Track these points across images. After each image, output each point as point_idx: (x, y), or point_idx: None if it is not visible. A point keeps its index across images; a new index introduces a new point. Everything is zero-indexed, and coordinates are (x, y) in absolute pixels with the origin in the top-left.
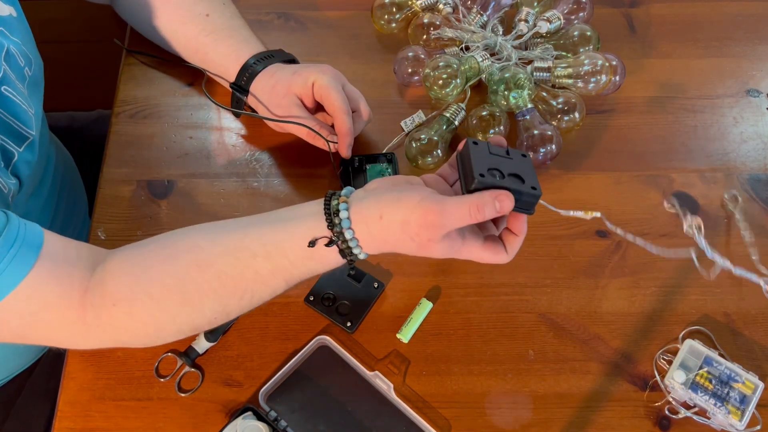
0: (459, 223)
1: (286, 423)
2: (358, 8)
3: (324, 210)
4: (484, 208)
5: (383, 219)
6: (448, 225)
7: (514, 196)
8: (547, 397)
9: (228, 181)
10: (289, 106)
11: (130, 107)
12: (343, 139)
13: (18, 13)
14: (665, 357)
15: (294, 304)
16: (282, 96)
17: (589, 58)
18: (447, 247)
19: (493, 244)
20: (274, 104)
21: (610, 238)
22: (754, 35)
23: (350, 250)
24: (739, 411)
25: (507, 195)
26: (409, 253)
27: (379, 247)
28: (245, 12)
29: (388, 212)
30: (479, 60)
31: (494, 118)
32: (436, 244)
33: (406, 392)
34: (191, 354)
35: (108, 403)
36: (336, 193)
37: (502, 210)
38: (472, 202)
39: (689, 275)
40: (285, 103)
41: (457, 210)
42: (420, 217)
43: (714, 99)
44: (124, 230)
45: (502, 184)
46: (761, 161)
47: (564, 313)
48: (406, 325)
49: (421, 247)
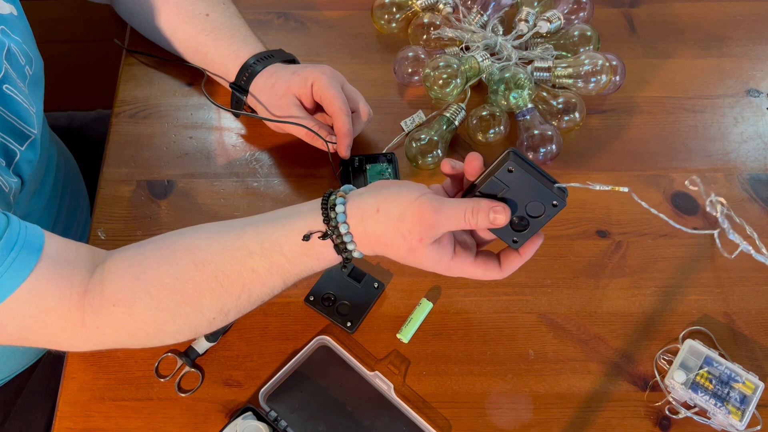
0: (453, 225)
1: (286, 423)
2: (358, 8)
3: (321, 205)
4: (479, 214)
5: (380, 212)
6: (443, 224)
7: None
8: (547, 397)
9: (228, 181)
10: (288, 106)
11: (130, 107)
12: (342, 140)
13: (18, 11)
14: (665, 357)
15: (294, 304)
16: (281, 96)
17: (589, 58)
18: (436, 253)
19: (486, 260)
20: (273, 104)
21: (610, 238)
22: (754, 35)
23: (345, 245)
24: (740, 411)
25: (504, 209)
26: (399, 258)
27: (371, 245)
28: (245, 12)
29: (385, 206)
30: (479, 60)
31: (494, 118)
32: (426, 247)
33: (406, 392)
34: (191, 354)
35: (108, 403)
36: (336, 190)
37: (496, 222)
38: (468, 206)
39: (689, 275)
40: (284, 103)
41: (454, 210)
42: (416, 212)
43: (714, 99)
44: (124, 230)
45: (504, 197)
46: (761, 161)
47: (564, 313)
48: (406, 325)
49: (411, 250)
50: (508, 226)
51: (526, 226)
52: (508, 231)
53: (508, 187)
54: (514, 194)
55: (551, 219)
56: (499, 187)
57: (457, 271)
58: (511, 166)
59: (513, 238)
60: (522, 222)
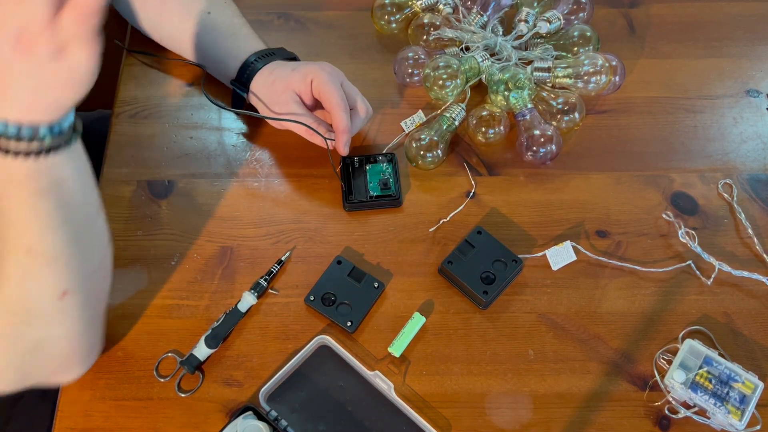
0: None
1: (286, 423)
2: (358, 8)
3: None
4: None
5: None
6: None
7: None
8: (547, 397)
9: (228, 181)
10: (287, 103)
11: (130, 107)
12: (340, 137)
13: None
14: (665, 357)
15: (294, 304)
16: (280, 93)
17: (589, 58)
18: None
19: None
20: (272, 101)
21: (610, 238)
22: (754, 35)
23: None
24: (739, 411)
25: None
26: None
27: None
28: (245, 12)
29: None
30: (479, 60)
31: (494, 118)
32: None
33: (406, 392)
34: (192, 361)
35: (108, 403)
36: None
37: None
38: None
39: (689, 275)
40: (283, 99)
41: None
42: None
43: (714, 99)
44: (124, 230)
45: None
46: (761, 161)
47: (564, 313)
48: (398, 339)
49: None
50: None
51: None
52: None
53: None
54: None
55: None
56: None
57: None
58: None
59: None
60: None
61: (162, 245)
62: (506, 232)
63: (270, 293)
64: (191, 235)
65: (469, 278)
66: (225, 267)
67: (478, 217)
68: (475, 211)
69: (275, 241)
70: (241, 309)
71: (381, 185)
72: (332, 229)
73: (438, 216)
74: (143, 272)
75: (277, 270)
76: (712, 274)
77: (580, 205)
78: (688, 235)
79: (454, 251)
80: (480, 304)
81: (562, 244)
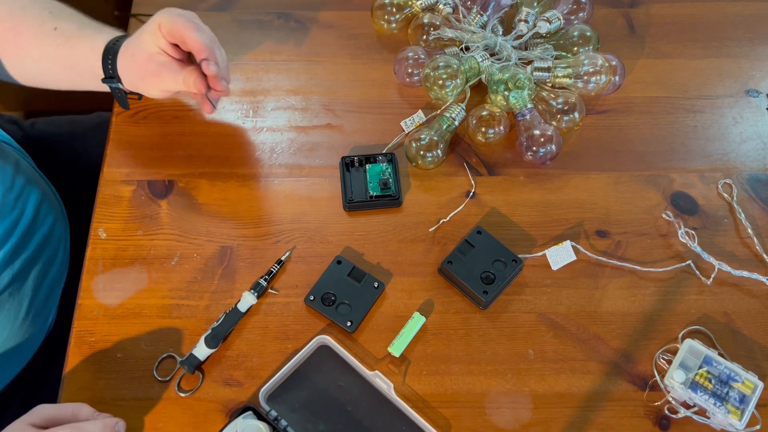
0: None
1: (286, 423)
2: (358, 8)
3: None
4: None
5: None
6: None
7: None
8: (546, 397)
9: (228, 181)
10: (158, 69)
11: (131, 107)
12: (214, 82)
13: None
14: (665, 357)
15: (294, 304)
16: (145, 62)
17: (588, 58)
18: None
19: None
20: (142, 74)
21: (610, 238)
22: (754, 35)
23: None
24: (739, 410)
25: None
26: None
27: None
28: (245, 12)
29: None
30: (479, 60)
31: (494, 118)
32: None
33: (406, 392)
34: (192, 361)
35: (108, 403)
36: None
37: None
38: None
39: (689, 275)
40: (152, 68)
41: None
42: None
43: (714, 99)
44: (124, 230)
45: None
46: (761, 161)
47: (564, 313)
48: (398, 339)
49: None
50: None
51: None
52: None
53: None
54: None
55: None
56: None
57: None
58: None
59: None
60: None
61: (162, 245)
62: (506, 232)
63: (270, 293)
64: (191, 235)
65: (469, 278)
66: (225, 267)
67: (478, 217)
68: (475, 211)
69: (275, 241)
70: (241, 309)
71: (381, 185)
72: (332, 229)
73: (438, 216)
74: (143, 272)
75: (277, 270)
76: (711, 273)
77: (580, 205)
78: (688, 235)
79: (454, 251)
80: (480, 304)
81: (562, 244)
